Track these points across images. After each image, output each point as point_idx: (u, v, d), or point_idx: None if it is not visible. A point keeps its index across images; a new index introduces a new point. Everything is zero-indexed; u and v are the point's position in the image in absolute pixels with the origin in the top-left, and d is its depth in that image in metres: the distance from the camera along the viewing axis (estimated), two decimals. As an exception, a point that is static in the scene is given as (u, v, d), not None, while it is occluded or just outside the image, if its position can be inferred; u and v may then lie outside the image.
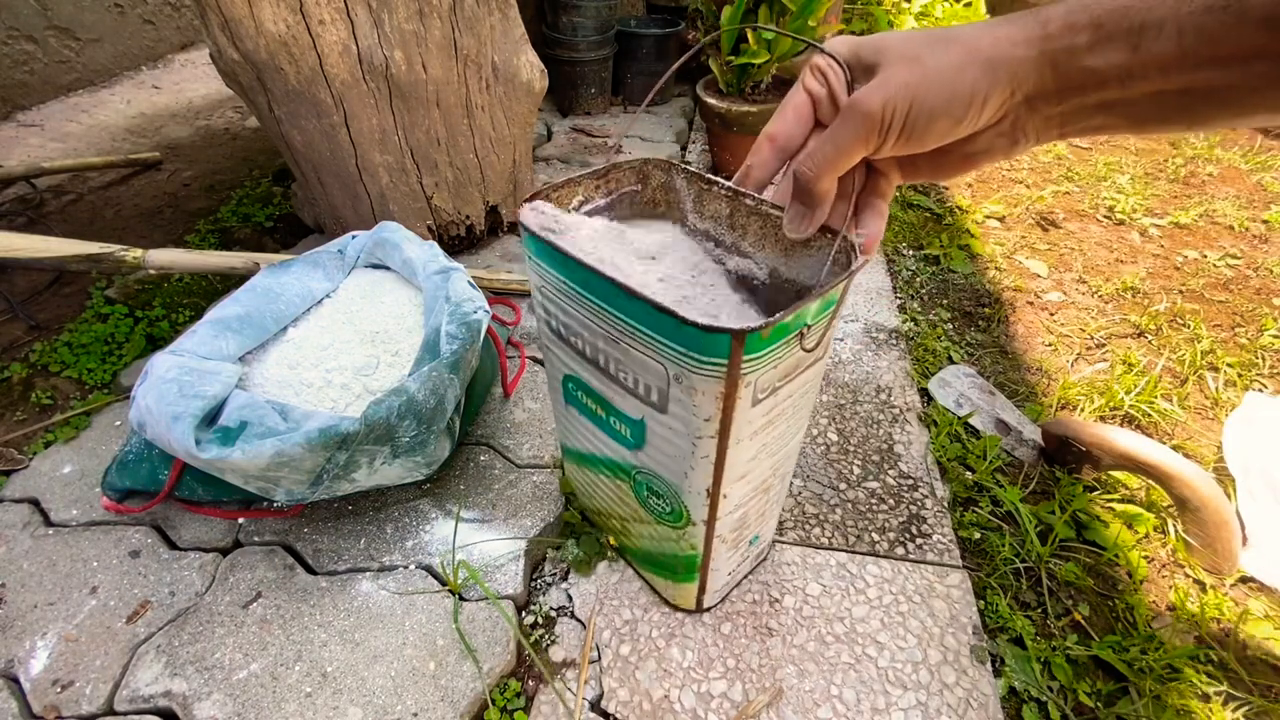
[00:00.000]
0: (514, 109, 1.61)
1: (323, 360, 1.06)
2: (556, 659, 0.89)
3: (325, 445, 0.85)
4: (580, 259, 0.58)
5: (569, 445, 0.90)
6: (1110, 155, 2.41)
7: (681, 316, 0.51)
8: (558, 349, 0.74)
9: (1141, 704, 0.87)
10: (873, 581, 0.98)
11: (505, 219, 1.77)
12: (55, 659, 0.86)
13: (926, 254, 1.83)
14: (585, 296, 0.62)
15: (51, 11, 2.53)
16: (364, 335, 1.11)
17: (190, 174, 2.17)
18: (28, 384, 1.31)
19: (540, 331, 0.77)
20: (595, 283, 0.59)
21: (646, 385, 0.63)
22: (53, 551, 0.99)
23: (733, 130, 2.02)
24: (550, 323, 0.72)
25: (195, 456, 0.84)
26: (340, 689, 0.83)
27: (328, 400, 1.00)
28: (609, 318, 0.60)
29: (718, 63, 2.02)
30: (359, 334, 1.11)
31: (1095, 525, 1.09)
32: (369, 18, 1.28)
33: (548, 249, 0.61)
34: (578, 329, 0.67)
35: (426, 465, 0.98)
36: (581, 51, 2.39)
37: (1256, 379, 1.43)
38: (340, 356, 1.07)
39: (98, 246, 1.27)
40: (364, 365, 1.06)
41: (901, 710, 0.83)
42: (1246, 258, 1.86)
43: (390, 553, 0.99)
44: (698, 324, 0.50)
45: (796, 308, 0.52)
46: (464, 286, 1.11)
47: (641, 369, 0.61)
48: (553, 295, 0.67)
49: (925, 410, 1.30)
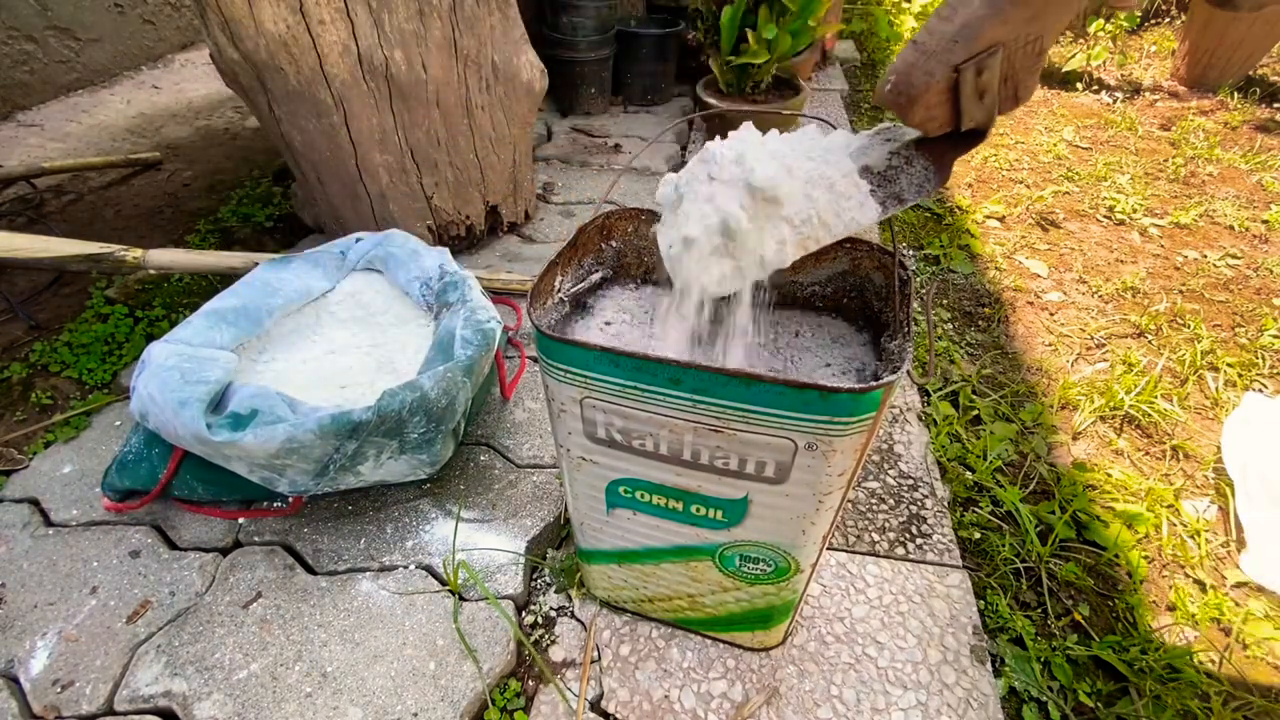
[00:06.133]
0: (514, 109, 1.61)
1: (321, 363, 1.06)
2: (556, 659, 0.89)
3: (336, 433, 0.85)
4: (667, 359, 0.53)
5: (606, 548, 0.81)
6: (1110, 155, 2.41)
7: (831, 386, 0.49)
8: (604, 456, 0.67)
9: (1141, 704, 0.87)
10: (873, 581, 0.98)
11: (505, 219, 1.77)
12: (55, 659, 0.86)
13: (926, 254, 1.83)
14: (668, 395, 0.56)
15: (51, 11, 2.53)
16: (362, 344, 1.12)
17: (190, 174, 2.17)
18: (28, 384, 1.31)
19: (570, 446, 0.68)
20: (692, 377, 0.54)
21: (760, 463, 0.59)
22: (53, 551, 0.99)
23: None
24: (595, 433, 0.65)
25: (206, 440, 0.84)
26: (340, 689, 0.83)
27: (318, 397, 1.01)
28: (708, 409, 0.56)
29: (718, 63, 2.02)
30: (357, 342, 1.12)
31: (1095, 525, 1.09)
32: (369, 18, 1.27)
33: (609, 356, 0.56)
34: (643, 430, 0.61)
35: (430, 464, 0.98)
36: (581, 51, 2.39)
37: (1256, 379, 1.43)
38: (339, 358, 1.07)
39: (98, 246, 1.27)
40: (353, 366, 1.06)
41: (901, 710, 0.83)
42: (1246, 258, 1.86)
43: (390, 553, 0.99)
44: (852, 388, 0.49)
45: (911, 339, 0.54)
46: (478, 294, 1.11)
47: (755, 449, 0.58)
48: (603, 402, 0.61)
49: (925, 410, 1.30)
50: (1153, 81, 3.13)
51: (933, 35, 0.48)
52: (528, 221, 1.87)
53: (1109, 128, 2.66)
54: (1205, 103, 2.89)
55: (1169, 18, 3.79)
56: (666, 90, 2.73)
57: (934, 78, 0.49)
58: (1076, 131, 2.60)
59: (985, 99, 0.50)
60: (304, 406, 0.91)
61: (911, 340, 0.56)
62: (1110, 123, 2.69)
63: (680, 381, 0.55)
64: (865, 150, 0.57)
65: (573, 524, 0.81)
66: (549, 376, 0.61)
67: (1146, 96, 2.98)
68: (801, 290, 0.75)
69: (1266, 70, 3.17)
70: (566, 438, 0.67)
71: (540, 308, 0.67)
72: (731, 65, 1.97)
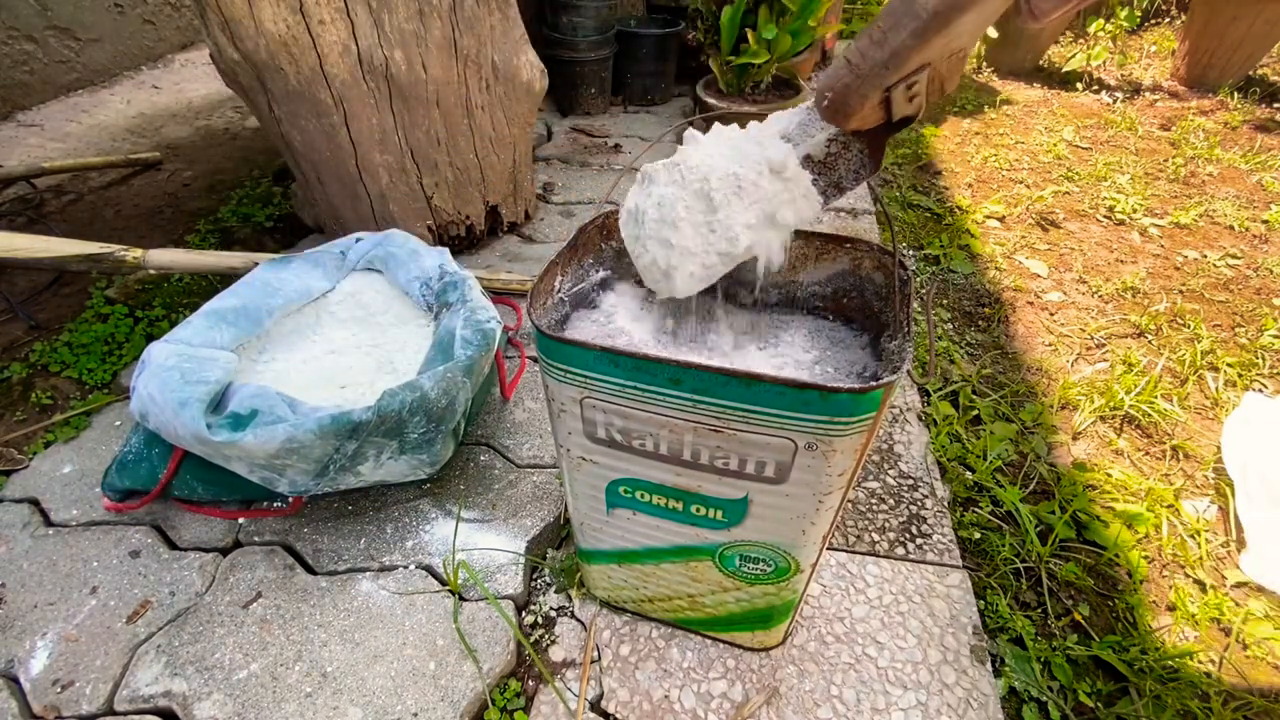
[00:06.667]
0: (514, 109, 1.61)
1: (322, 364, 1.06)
2: (556, 659, 0.89)
3: (336, 433, 0.85)
4: (667, 358, 0.53)
5: (606, 548, 0.82)
6: (1110, 155, 2.41)
7: (831, 386, 0.50)
8: (604, 456, 0.67)
9: (1141, 704, 0.87)
10: (873, 581, 0.98)
11: (505, 219, 1.77)
12: (55, 659, 0.86)
13: (926, 254, 1.83)
14: (668, 395, 0.56)
15: (51, 11, 2.53)
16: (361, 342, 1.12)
17: (190, 174, 2.17)
18: (28, 384, 1.31)
19: (570, 446, 0.68)
20: (692, 377, 0.54)
21: (760, 463, 0.59)
22: (53, 551, 0.99)
23: (733, 130, 2.01)
24: (595, 433, 0.65)
25: (206, 440, 0.84)
26: (340, 689, 0.83)
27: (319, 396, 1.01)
28: (708, 409, 0.56)
29: (718, 63, 2.02)
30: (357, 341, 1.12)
31: (1095, 525, 1.09)
32: (369, 18, 1.28)
33: (609, 356, 0.56)
34: (643, 430, 0.62)
35: (430, 464, 0.98)
36: (581, 51, 2.39)
37: (1256, 379, 1.43)
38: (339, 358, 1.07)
39: (98, 246, 1.27)
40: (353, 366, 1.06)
41: (901, 710, 0.83)
42: (1246, 258, 1.86)
43: (390, 553, 0.99)
44: (852, 389, 0.49)
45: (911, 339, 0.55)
46: (478, 294, 1.11)
47: (755, 449, 0.58)
48: (603, 402, 0.61)
49: (925, 410, 1.30)
50: (1153, 81, 3.13)
51: (865, 59, 0.52)
52: (528, 221, 1.87)
53: (1109, 128, 2.66)
54: (1205, 103, 2.89)
55: (1169, 18, 3.79)
56: (666, 90, 2.73)
57: (868, 98, 0.54)
58: (1076, 131, 2.60)
59: (915, 100, 0.55)
60: (304, 406, 0.91)
61: (911, 340, 0.56)
62: (1110, 123, 2.69)
63: (680, 381, 0.55)
64: (806, 128, 0.59)
65: (573, 524, 0.81)
66: (549, 376, 0.61)
67: (1146, 96, 2.98)
68: (801, 290, 0.75)
69: (1266, 70, 3.17)
70: (566, 438, 0.67)
71: (540, 308, 0.67)
72: (731, 65, 1.97)
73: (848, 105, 0.55)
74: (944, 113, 2.80)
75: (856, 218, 1.91)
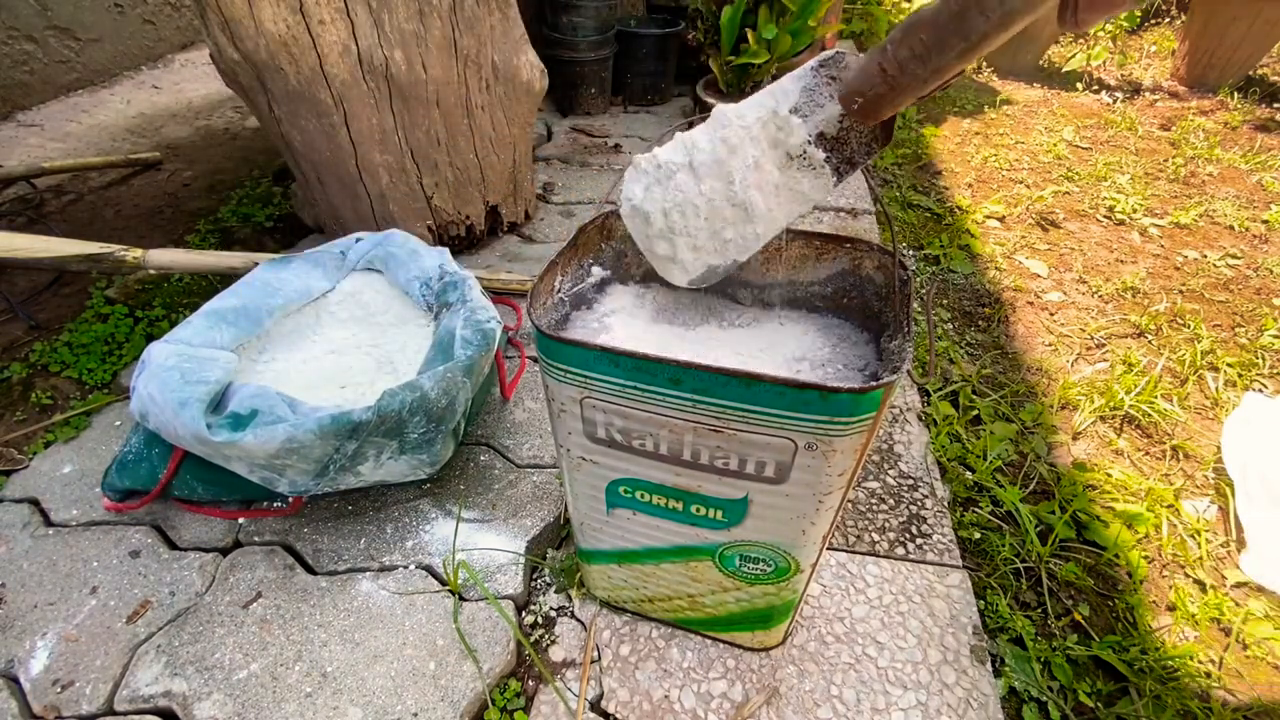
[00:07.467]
0: (514, 109, 1.61)
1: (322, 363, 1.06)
2: (556, 659, 0.89)
3: (336, 433, 0.85)
4: (667, 359, 0.53)
5: (606, 548, 0.81)
6: (1110, 155, 2.41)
7: (831, 386, 0.50)
8: (604, 456, 0.67)
9: (1141, 704, 0.87)
10: (873, 581, 0.98)
11: (505, 219, 1.77)
12: (55, 659, 0.86)
13: (926, 254, 1.83)
14: (668, 395, 0.56)
15: (51, 11, 2.53)
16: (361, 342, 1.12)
17: (190, 174, 2.17)
18: (28, 384, 1.31)
19: (570, 446, 0.68)
20: (692, 377, 0.54)
21: (760, 463, 0.59)
22: (53, 551, 0.99)
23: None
24: (595, 433, 0.65)
25: (206, 440, 0.84)
26: (340, 689, 0.83)
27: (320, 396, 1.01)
28: (708, 409, 0.56)
29: (718, 63, 2.02)
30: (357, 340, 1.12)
31: (1095, 525, 1.09)
32: (369, 18, 1.28)
33: (609, 356, 0.56)
34: (643, 430, 0.61)
35: (430, 464, 0.98)
36: (581, 51, 2.39)
37: (1256, 379, 1.43)
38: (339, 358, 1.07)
39: (98, 246, 1.27)
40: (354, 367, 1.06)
41: (901, 710, 0.83)
42: (1246, 258, 1.86)
43: (390, 553, 0.99)
44: (852, 388, 0.49)
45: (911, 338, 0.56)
46: (478, 294, 1.11)
47: (755, 449, 0.58)
48: (603, 402, 0.61)
49: (925, 410, 1.30)
50: (1153, 81, 3.13)
51: (904, 73, 0.52)
52: (528, 221, 1.87)
53: (1109, 128, 2.66)
54: (1205, 103, 2.89)
55: (1169, 18, 3.79)
56: (666, 90, 2.73)
57: (900, 107, 0.56)
58: (1076, 131, 2.60)
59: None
60: (304, 406, 0.91)
61: (911, 340, 0.56)
62: (1110, 123, 2.69)
63: (680, 381, 0.55)
64: (813, 95, 0.60)
65: (573, 524, 0.81)
66: (549, 376, 0.61)
67: (1146, 96, 2.98)
68: (801, 290, 0.75)
69: (1266, 70, 3.17)
70: (566, 438, 0.67)
71: (540, 308, 0.67)
72: (731, 65, 1.97)
73: (879, 112, 0.57)
74: (944, 113, 2.80)
75: (856, 218, 1.91)
